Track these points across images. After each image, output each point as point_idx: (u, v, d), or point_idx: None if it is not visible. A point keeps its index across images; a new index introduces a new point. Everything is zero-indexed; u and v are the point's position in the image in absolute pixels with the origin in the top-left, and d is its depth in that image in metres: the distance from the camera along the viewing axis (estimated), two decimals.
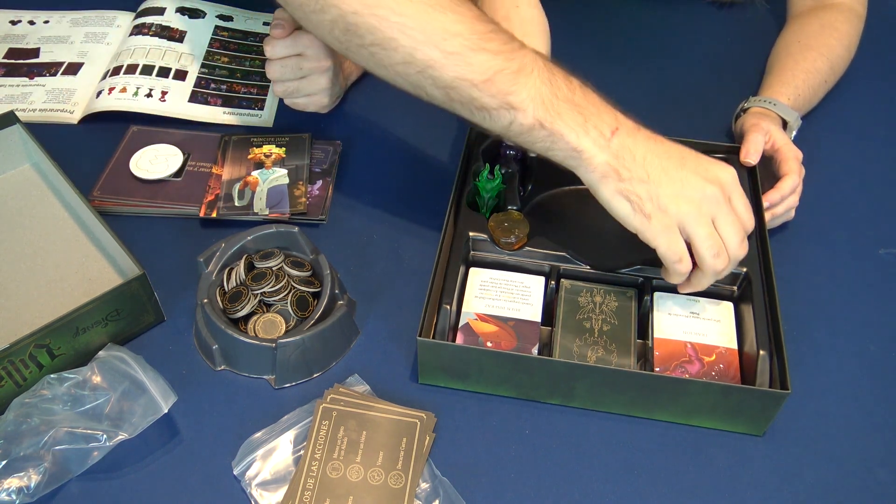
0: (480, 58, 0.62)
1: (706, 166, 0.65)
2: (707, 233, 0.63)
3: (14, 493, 0.59)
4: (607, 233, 0.80)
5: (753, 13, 1.10)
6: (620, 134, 0.63)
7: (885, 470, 0.65)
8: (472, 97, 0.63)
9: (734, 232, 0.64)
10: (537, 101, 0.62)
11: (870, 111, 0.97)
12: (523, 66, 0.62)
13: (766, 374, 0.64)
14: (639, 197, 0.63)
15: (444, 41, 0.62)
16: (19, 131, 0.83)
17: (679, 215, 0.63)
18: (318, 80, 0.83)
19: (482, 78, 0.62)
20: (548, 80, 0.63)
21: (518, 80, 0.62)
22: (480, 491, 0.62)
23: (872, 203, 0.86)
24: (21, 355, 0.63)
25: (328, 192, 0.84)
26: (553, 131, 0.62)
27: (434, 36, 0.62)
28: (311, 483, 0.61)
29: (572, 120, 0.62)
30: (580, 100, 0.63)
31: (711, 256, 0.63)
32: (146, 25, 1.00)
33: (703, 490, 0.63)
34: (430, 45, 0.62)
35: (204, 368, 0.70)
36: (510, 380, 0.67)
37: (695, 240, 0.63)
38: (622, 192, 0.63)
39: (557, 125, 0.62)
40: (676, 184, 0.63)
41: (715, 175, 0.64)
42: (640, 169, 0.63)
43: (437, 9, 0.62)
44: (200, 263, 0.73)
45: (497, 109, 0.63)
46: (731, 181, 0.65)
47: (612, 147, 0.63)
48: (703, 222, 0.63)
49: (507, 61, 0.62)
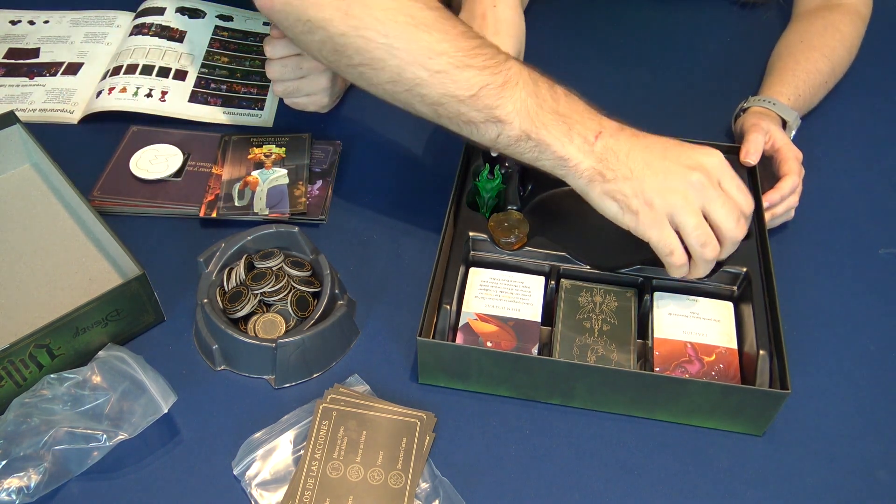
0: (466, 74, 0.63)
1: (688, 154, 0.65)
2: (694, 223, 0.63)
3: (14, 493, 0.59)
4: (607, 233, 0.80)
5: (767, 12, 1.09)
6: (603, 136, 0.64)
7: (885, 470, 0.65)
8: (459, 112, 0.64)
9: (727, 215, 0.64)
10: (523, 113, 0.63)
11: (870, 111, 0.97)
12: (508, 80, 0.63)
13: (766, 374, 0.64)
14: (624, 195, 0.64)
15: (430, 60, 0.63)
16: (19, 131, 0.83)
17: (666, 207, 0.63)
18: (318, 79, 0.84)
19: (468, 94, 0.63)
20: (533, 91, 0.64)
21: (503, 93, 0.63)
22: (480, 491, 0.62)
23: (872, 203, 0.86)
24: (21, 355, 0.63)
25: (328, 192, 0.84)
26: (539, 142, 0.64)
27: (420, 55, 0.63)
28: (311, 483, 0.61)
29: (557, 129, 0.63)
30: (564, 109, 0.64)
31: (699, 246, 0.64)
32: (146, 25, 1.00)
33: (703, 490, 0.63)
34: (416, 65, 0.63)
35: (204, 368, 0.70)
36: (510, 380, 0.67)
37: (683, 230, 0.64)
38: (609, 192, 0.64)
39: (543, 135, 0.63)
40: (659, 176, 0.63)
41: (698, 161, 0.64)
42: (623, 167, 0.63)
43: (421, 28, 0.63)
44: (200, 263, 0.73)
45: (484, 123, 0.64)
46: (717, 165, 0.65)
47: (595, 151, 0.64)
48: (690, 211, 0.63)
49: (493, 76, 0.63)
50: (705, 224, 0.64)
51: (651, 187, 0.63)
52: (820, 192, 0.86)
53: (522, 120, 0.63)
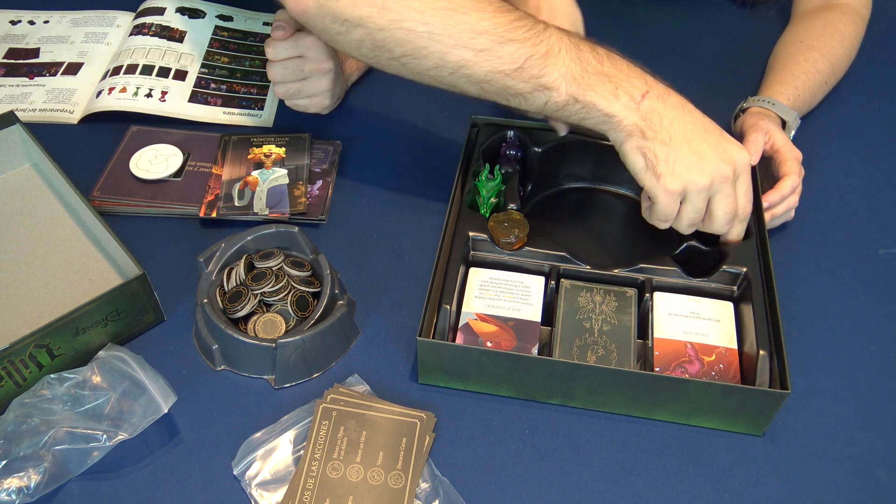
0: (509, 49, 0.64)
1: (725, 146, 0.68)
2: (700, 206, 0.68)
3: (14, 493, 0.59)
4: (607, 233, 0.81)
5: (769, 11, 1.09)
6: (650, 97, 0.66)
7: (885, 470, 0.65)
8: (506, 86, 0.66)
9: (725, 211, 0.68)
10: (568, 78, 0.65)
11: (870, 112, 0.97)
12: (551, 48, 0.65)
13: (766, 374, 0.64)
14: (655, 156, 0.66)
15: (473, 40, 0.64)
16: (19, 131, 0.83)
17: (687, 183, 0.66)
18: (320, 81, 0.83)
19: (514, 67, 0.64)
20: (576, 56, 0.65)
21: (548, 62, 0.64)
22: (480, 491, 0.62)
23: (872, 203, 0.86)
24: (21, 355, 0.63)
25: (328, 192, 0.84)
26: (586, 103, 0.65)
27: (462, 37, 0.64)
28: (311, 483, 0.61)
29: (603, 89, 0.65)
30: (609, 69, 0.66)
31: (688, 224, 0.69)
32: (146, 25, 1.00)
33: (703, 490, 0.63)
34: (459, 47, 0.64)
35: (204, 368, 0.70)
36: (510, 380, 0.67)
37: (686, 206, 0.68)
38: (642, 148, 0.66)
39: (590, 97, 0.65)
40: (694, 155, 0.66)
41: (731, 156, 0.67)
42: (664, 132, 0.66)
43: (460, 11, 0.64)
44: (200, 263, 0.73)
45: (532, 93, 0.66)
46: (744, 165, 0.68)
47: (641, 109, 0.66)
48: (703, 196, 0.67)
49: (535, 46, 0.64)
50: (703, 211, 0.68)
51: (682, 161, 0.66)
52: (820, 192, 0.86)
53: (569, 85, 0.65)
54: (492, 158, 0.80)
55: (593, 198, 0.84)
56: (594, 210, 0.83)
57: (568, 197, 0.84)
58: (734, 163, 0.67)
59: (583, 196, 0.84)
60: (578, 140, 0.80)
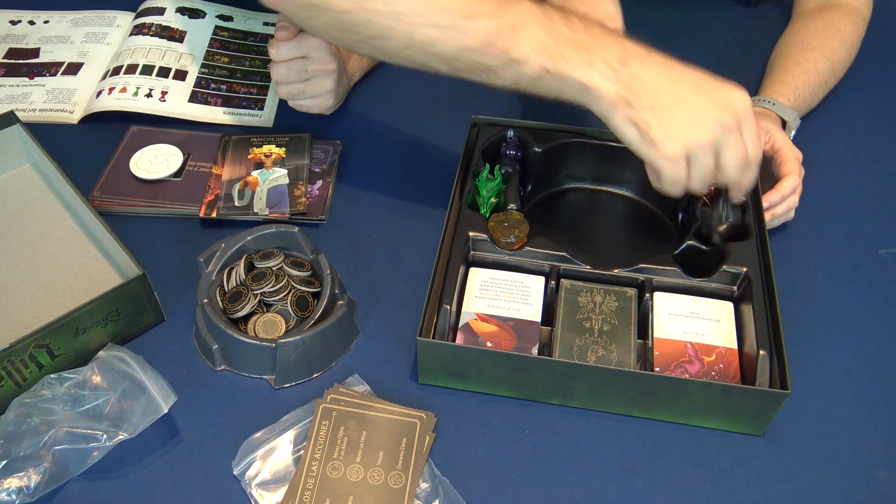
0: (475, 24, 0.63)
1: (721, 93, 0.64)
2: (708, 165, 0.64)
3: (14, 493, 0.59)
4: (607, 233, 0.81)
5: (773, 9, 1.09)
6: (630, 63, 0.63)
7: (885, 470, 0.65)
8: (476, 62, 0.64)
9: (736, 160, 0.64)
10: (539, 50, 0.63)
11: (870, 112, 0.97)
12: (519, 20, 0.63)
13: (766, 374, 0.64)
14: (647, 124, 0.62)
15: (437, 17, 0.63)
16: (19, 131, 0.83)
17: (688, 143, 0.62)
18: (323, 81, 0.83)
19: (481, 42, 0.63)
20: (547, 26, 0.63)
21: (516, 35, 0.63)
22: (480, 491, 0.62)
23: (872, 203, 0.86)
24: (21, 355, 0.63)
25: (328, 192, 0.84)
26: (560, 74, 0.63)
27: (426, 15, 0.63)
28: (311, 483, 0.61)
29: (577, 59, 0.63)
30: (583, 38, 0.63)
31: (700, 182, 0.65)
32: (146, 25, 1.00)
33: (703, 490, 0.63)
34: (425, 25, 0.63)
35: (204, 368, 0.70)
36: (510, 380, 0.67)
37: (693, 166, 0.64)
38: (631, 118, 0.63)
39: (562, 67, 0.63)
40: (689, 111, 0.62)
41: (730, 102, 0.63)
42: (650, 97, 0.62)
43: None
44: (200, 263, 0.73)
45: (502, 68, 0.64)
46: (745, 108, 0.64)
47: (621, 77, 0.62)
48: (710, 153, 0.63)
49: (501, 19, 0.63)
50: (713, 167, 0.64)
51: (677, 121, 0.62)
52: (820, 192, 0.86)
53: (540, 57, 0.63)
54: (492, 158, 0.80)
55: (593, 198, 0.84)
56: (594, 210, 0.83)
57: (568, 197, 0.84)
58: (734, 108, 0.63)
59: (583, 196, 0.84)
60: (578, 140, 0.81)
